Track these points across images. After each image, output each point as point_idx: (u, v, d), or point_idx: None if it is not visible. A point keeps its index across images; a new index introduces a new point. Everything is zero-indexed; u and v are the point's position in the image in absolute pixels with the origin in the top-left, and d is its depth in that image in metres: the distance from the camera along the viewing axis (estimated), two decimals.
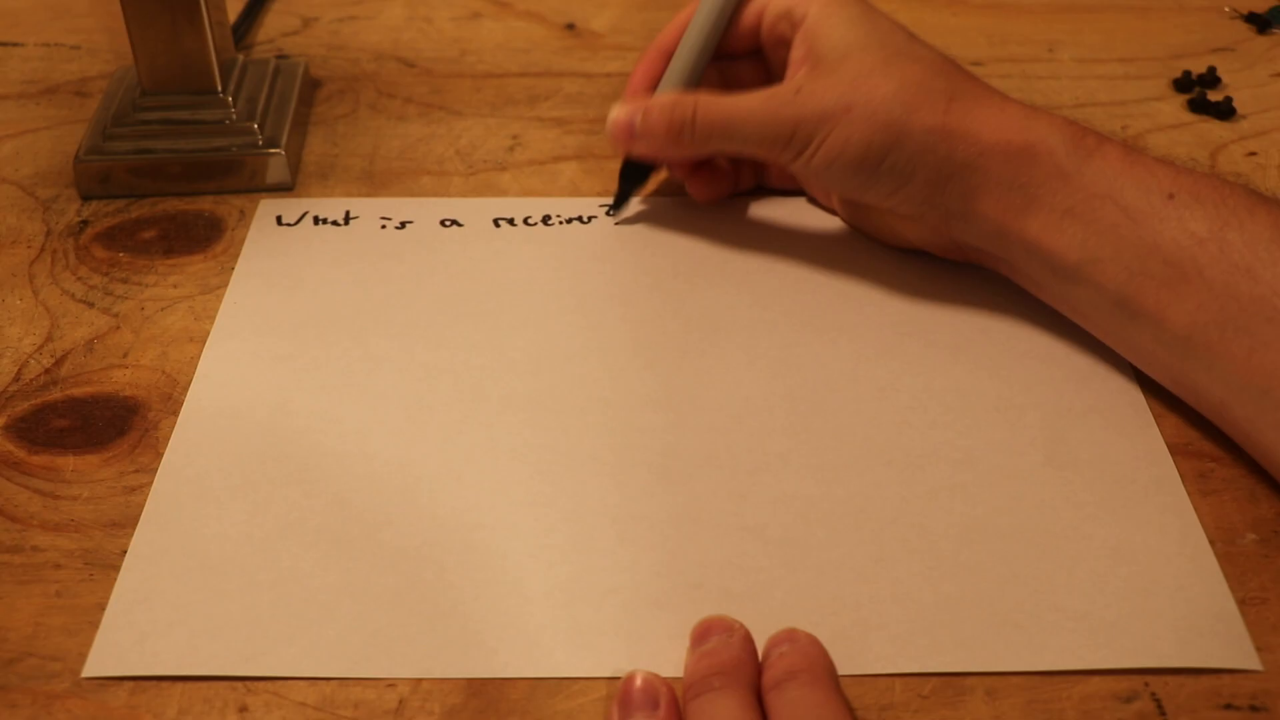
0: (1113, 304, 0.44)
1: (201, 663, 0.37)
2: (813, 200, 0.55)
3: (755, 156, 0.50)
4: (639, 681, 0.35)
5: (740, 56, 0.54)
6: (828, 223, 0.54)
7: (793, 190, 0.56)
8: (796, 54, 0.49)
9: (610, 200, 0.55)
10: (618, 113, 0.51)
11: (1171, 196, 0.42)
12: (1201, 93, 0.63)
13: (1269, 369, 0.40)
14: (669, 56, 0.52)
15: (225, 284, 0.51)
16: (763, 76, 0.54)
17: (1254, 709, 0.36)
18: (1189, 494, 0.42)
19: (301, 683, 0.37)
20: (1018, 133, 0.45)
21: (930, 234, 0.49)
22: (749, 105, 0.48)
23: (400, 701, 0.36)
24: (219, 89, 0.56)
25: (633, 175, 0.54)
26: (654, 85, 0.53)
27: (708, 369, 0.47)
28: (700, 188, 0.54)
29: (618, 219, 0.54)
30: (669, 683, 0.36)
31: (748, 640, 0.36)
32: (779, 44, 0.51)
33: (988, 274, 0.50)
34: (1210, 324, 0.41)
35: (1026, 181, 0.44)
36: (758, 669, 0.36)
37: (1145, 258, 0.42)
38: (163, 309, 0.50)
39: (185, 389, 0.46)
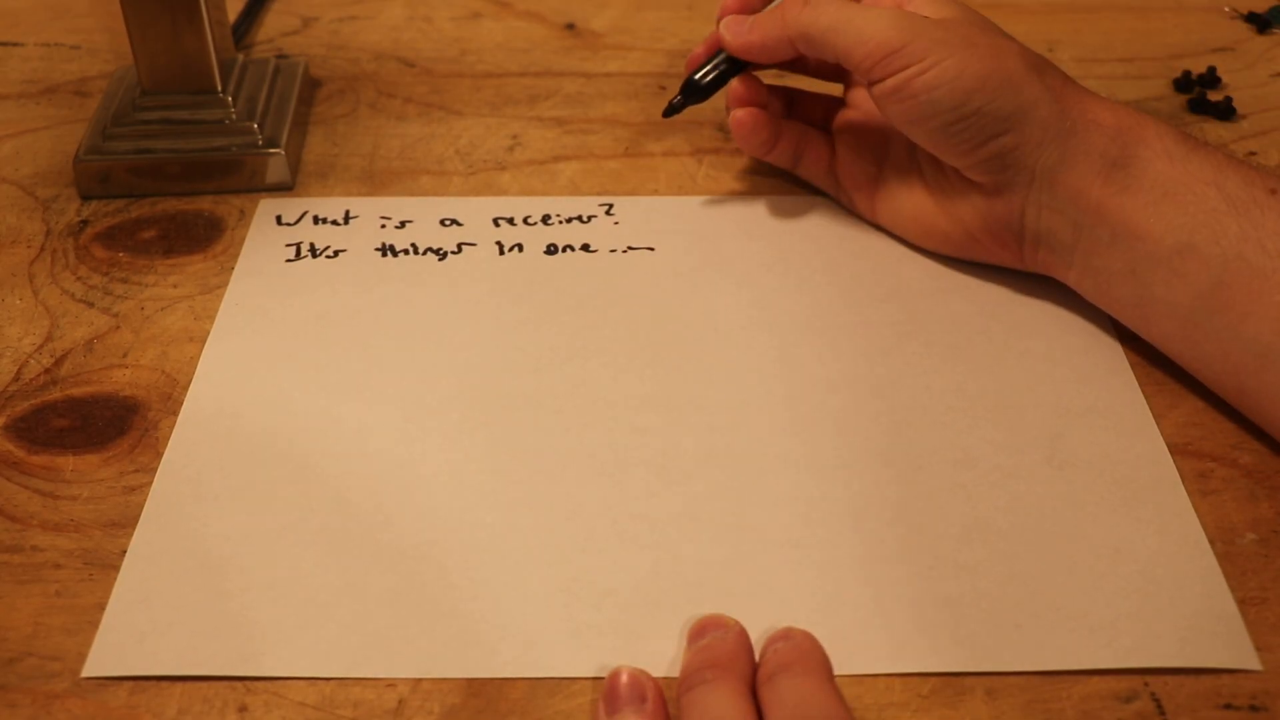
0: (1196, 298, 0.42)
1: (201, 662, 0.37)
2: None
3: (854, 65, 0.47)
4: (625, 677, 0.35)
5: None
6: (828, 223, 0.54)
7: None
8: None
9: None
10: (730, 4, 0.51)
11: (1274, 192, 0.42)
12: (1201, 93, 0.63)
13: None
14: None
15: (225, 284, 0.51)
16: None
17: (1254, 709, 0.36)
18: (1189, 494, 0.42)
19: (301, 682, 0.37)
20: (1130, 117, 0.45)
21: (983, 214, 0.48)
22: (867, 9, 0.47)
23: (400, 701, 0.36)
24: (219, 89, 0.56)
25: (694, 92, 0.53)
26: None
27: (708, 369, 0.47)
28: (744, 126, 0.52)
29: (670, 115, 0.54)
30: (655, 679, 0.36)
31: (743, 636, 0.36)
32: None
33: (988, 276, 0.50)
34: None
35: (1131, 159, 0.44)
36: (753, 665, 0.36)
37: (1243, 246, 0.41)
38: (163, 309, 0.50)
39: (185, 389, 0.46)
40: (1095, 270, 0.46)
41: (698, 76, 0.53)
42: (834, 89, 0.56)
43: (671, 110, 0.54)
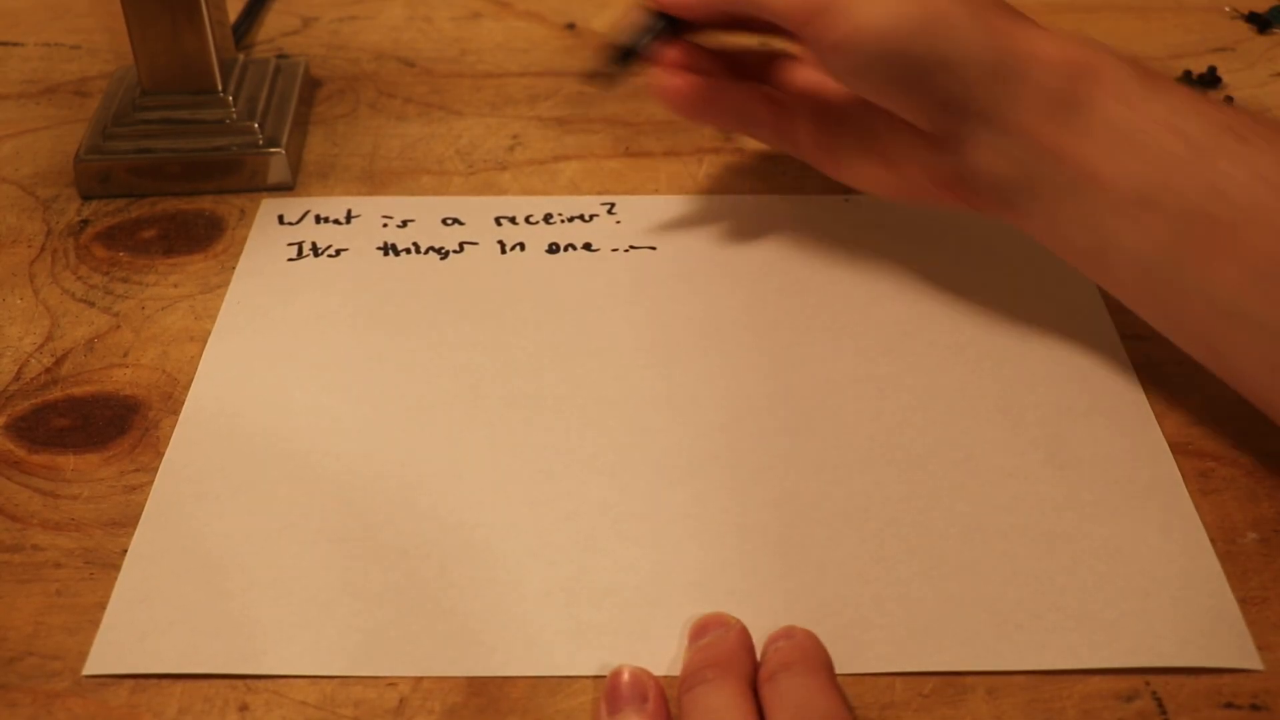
0: (1157, 251, 0.40)
1: (202, 661, 0.37)
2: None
3: (785, 21, 0.44)
4: (626, 676, 0.35)
5: None
6: (829, 223, 0.54)
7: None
8: None
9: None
10: None
11: (1243, 138, 0.39)
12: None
13: None
14: None
15: (226, 283, 0.51)
16: None
17: (1255, 708, 0.36)
18: (1189, 493, 0.42)
19: (302, 681, 0.37)
20: (1080, 52, 0.41)
21: (933, 162, 0.45)
22: None
23: (401, 700, 0.36)
24: (219, 89, 0.56)
25: (623, 57, 0.49)
26: None
27: (708, 368, 0.47)
28: (679, 95, 0.48)
29: (603, 88, 0.50)
30: (656, 678, 0.36)
31: (744, 635, 0.36)
32: None
33: (988, 274, 0.50)
34: (1272, 271, 0.38)
35: (1085, 99, 0.41)
36: (754, 664, 0.36)
37: (1206, 196, 0.39)
38: (163, 308, 0.50)
39: (186, 388, 0.46)
40: (1053, 219, 0.43)
41: (631, 42, 0.49)
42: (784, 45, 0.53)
43: (603, 78, 0.50)
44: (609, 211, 0.55)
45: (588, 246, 0.53)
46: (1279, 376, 0.39)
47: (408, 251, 0.53)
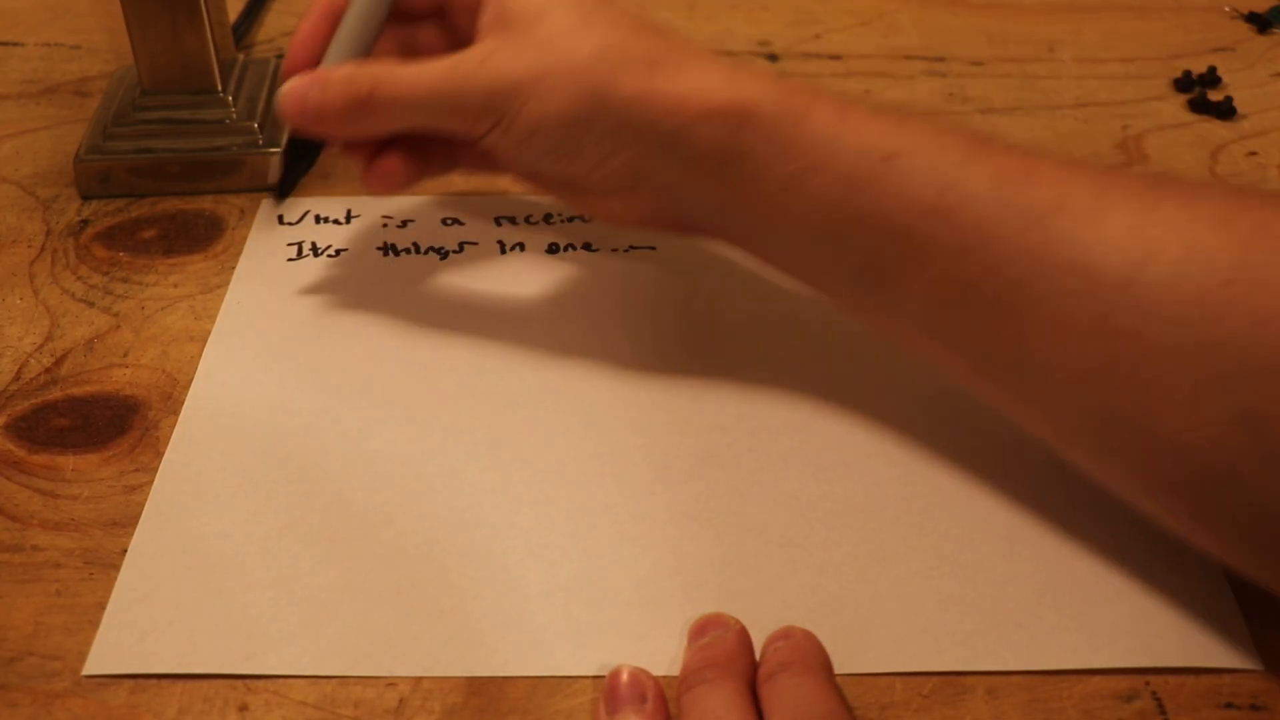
0: (849, 277, 0.41)
1: (202, 661, 0.37)
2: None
3: (444, 133, 0.44)
4: (625, 676, 0.35)
5: (421, 18, 0.48)
6: None
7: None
8: (487, 17, 0.44)
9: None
10: (291, 85, 0.45)
11: (890, 159, 0.39)
12: (1202, 92, 0.63)
13: (1015, 340, 0.37)
14: (337, 17, 0.46)
15: (226, 283, 0.51)
16: (448, 42, 0.48)
17: (1254, 708, 0.36)
18: None
19: (302, 681, 0.37)
20: (724, 96, 0.41)
21: (647, 211, 0.45)
22: (433, 75, 0.43)
23: (400, 700, 0.36)
24: (219, 89, 0.56)
25: (299, 157, 0.49)
26: (320, 50, 0.46)
27: (709, 368, 0.47)
28: (377, 182, 0.47)
29: (281, 206, 0.49)
30: (655, 678, 0.36)
31: (743, 635, 0.36)
32: (464, 9, 0.46)
33: None
34: (950, 299, 0.38)
35: (740, 150, 0.41)
36: (753, 664, 0.36)
37: (876, 231, 0.39)
38: (163, 308, 0.50)
39: (185, 388, 0.46)
40: (758, 250, 0.44)
41: (293, 172, 0.49)
42: None
43: (287, 191, 0.50)
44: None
45: (588, 246, 0.53)
46: (976, 384, 0.40)
47: (408, 251, 0.53)
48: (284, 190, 0.50)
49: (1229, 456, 0.34)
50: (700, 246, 0.53)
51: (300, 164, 0.50)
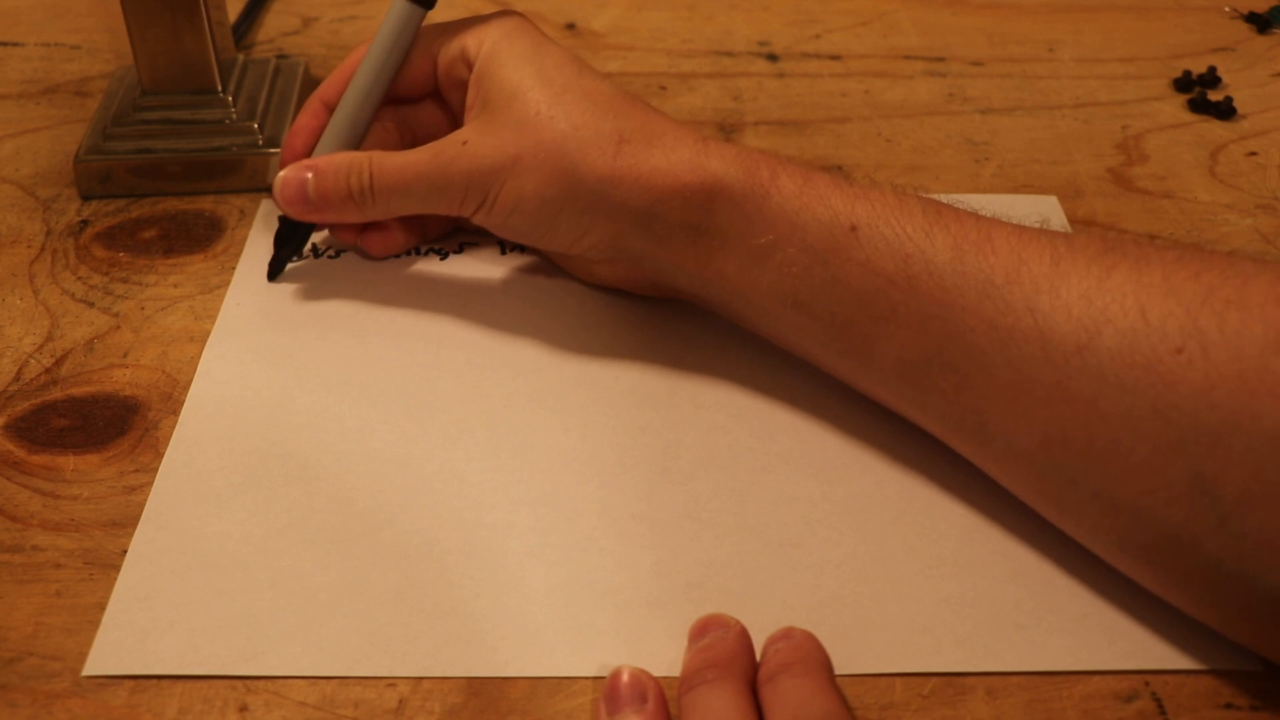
0: (819, 343, 0.43)
1: (202, 662, 0.37)
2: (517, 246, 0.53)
3: (436, 214, 0.48)
4: (626, 676, 0.35)
5: (419, 99, 0.51)
6: None
7: None
8: (471, 97, 0.47)
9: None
10: (287, 175, 0.47)
11: (854, 229, 0.40)
12: (1202, 92, 0.63)
13: (978, 405, 0.38)
14: (333, 108, 0.49)
15: (226, 283, 0.51)
16: (444, 119, 0.51)
17: (1254, 709, 0.36)
18: None
19: (302, 682, 0.37)
20: (691, 174, 0.42)
21: (628, 276, 0.48)
22: (420, 162, 0.45)
23: (400, 701, 0.36)
24: (219, 89, 0.56)
25: (292, 237, 0.50)
26: (316, 139, 0.49)
27: (709, 367, 0.47)
28: (376, 244, 0.51)
29: (276, 281, 0.51)
30: (656, 678, 0.36)
31: (744, 636, 0.36)
32: (457, 86, 0.48)
33: None
34: (915, 363, 0.40)
35: (709, 225, 0.43)
36: (753, 664, 0.36)
37: (843, 300, 0.41)
38: (163, 308, 0.50)
39: (185, 388, 0.46)
40: (735, 315, 0.46)
41: (285, 255, 0.50)
42: None
43: (278, 271, 0.51)
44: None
45: None
46: (948, 439, 0.41)
47: (408, 251, 0.53)
48: (274, 272, 0.51)
49: (1185, 520, 0.34)
50: None
51: (289, 246, 0.51)
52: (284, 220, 0.50)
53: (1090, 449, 0.36)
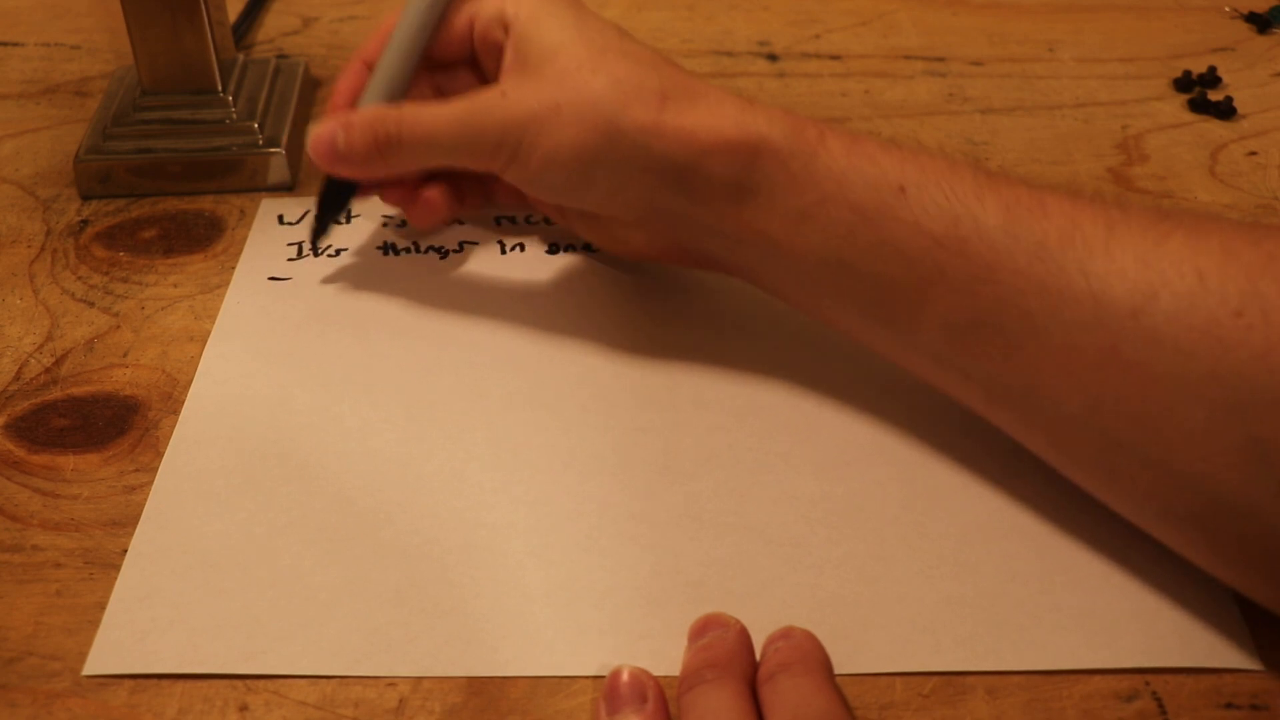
0: (861, 310, 0.42)
1: (202, 661, 0.37)
2: (546, 219, 0.53)
3: (467, 168, 0.46)
4: (625, 676, 0.35)
5: (454, 64, 0.50)
6: None
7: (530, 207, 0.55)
8: (508, 59, 0.46)
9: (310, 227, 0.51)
10: (318, 129, 0.46)
11: (903, 190, 0.39)
12: (1202, 92, 0.63)
13: (1026, 370, 0.38)
14: (373, 67, 0.48)
15: (226, 283, 0.51)
16: (480, 85, 0.49)
17: (1254, 708, 0.36)
18: None
19: (302, 681, 0.37)
20: (736, 130, 0.41)
21: (661, 241, 0.47)
22: (453, 113, 0.44)
23: (401, 700, 0.36)
24: (219, 89, 0.56)
25: (334, 199, 0.49)
26: (357, 98, 0.48)
27: (710, 367, 0.47)
28: (419, 215, 0.50)
29: (320, 249, 0.50)
30: (656, 678, 0.36)
31: (743, 635, 0.36)
32: (492, 50, 0.48)
33: None
34: (962, 327, 0.39)
35: (753, 183, 0.41)
36: (753, 664, 0.36)
37: (888, 261, 0.40)
38: (163, 308, 0.50)
39: (186, 388, 0.46)
40: (769, 282, 0.45)
41: (328, 215, 0.49)
42: None
43: (321, 233, 0.50)
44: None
45: (587, 247, 0.53)
46: (990, 412, 0.41)
47: (408, 251, 0.53)
48: (316, 234, 0.50)
49: (1241, 486, 0.34)
50: None
51: (333, 210, 0.50)
52: (328, 181, 0.49)
53: (1143, 414, 0.35)
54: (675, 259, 0.48)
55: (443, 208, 0.50)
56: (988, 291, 0.38)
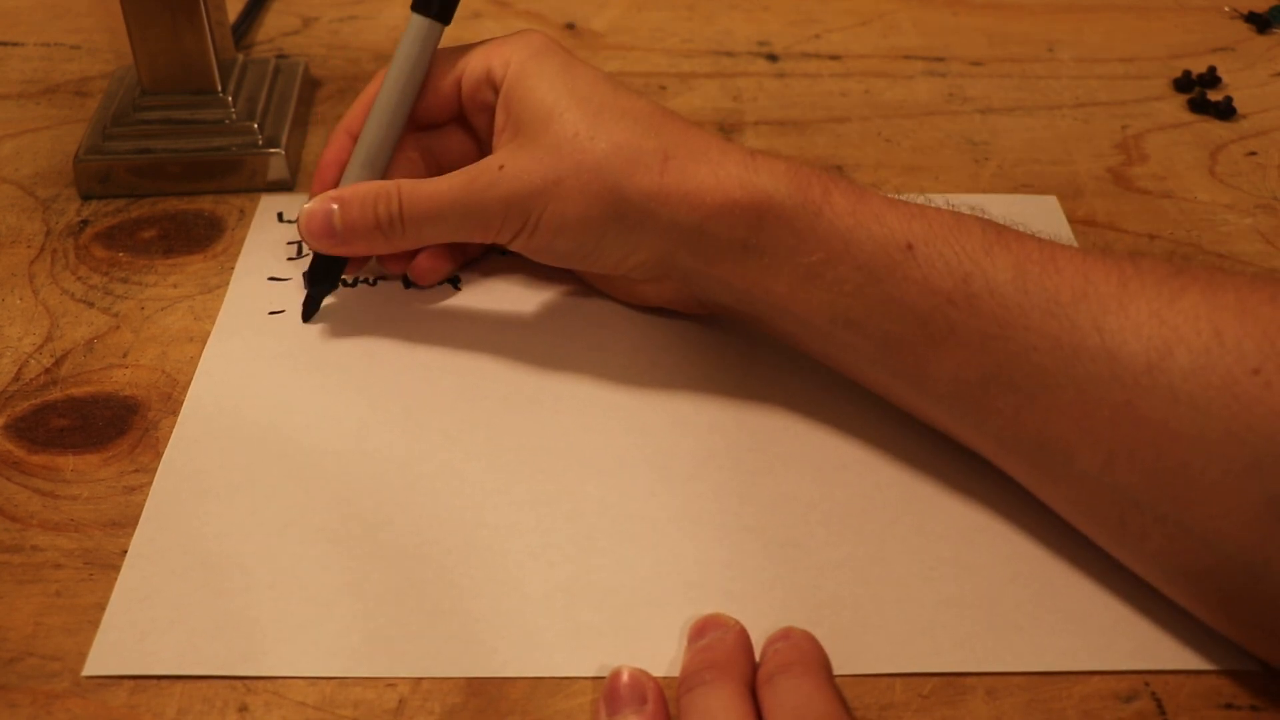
0: (871, 362, 0.42)
1: (201, 662, 0.37)
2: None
3: (471, 241, 0.45)
4: (625, 677, 0.35)
5: (443, 124, 0.49)
6: None
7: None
8: (500, 122, 0.45)
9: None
10: (311, 207, 0.45)
11: (910, 247, 0.39)
12: (1201, 92, 0.63)
13: (1039, 425, 0.38)
14: (356, 137, 0.48)
15: (225, 283, 0.51)
16: (471, 144, 0.50)
17: (1254, 709, 0.36)
18: None
19: (301, 682, 0.37)
20: (740, 190, 0.41)
21: (674, 295, 0.47)
22: (453, 189, 0.44)
23: (400, 701, 0.36)
24: (219, 89, 0.56)
25: (325, 273, 0.48)
26: (342, 170, 0.48)
27: (710, 367, 0.47)
28: (421, 276, 0.49)
29: (311, 321, 0.49)
30: (655, 679, 0.36)
31: (743, 636, 0.37)
32: (482, 110, 0.47)
33: None
34: (973, 383, 0.39)
35: (759, 243, 0.41)
36: (753, 665, 0.36)
37: (897, 319, 0.40)
38: (163, 309, 0.50)
39: (185, 389, 0.46)
40: (783, 334, 0.45)
41: (320, 290, 0.48)
42: None
43: (312, 310, 0.49)
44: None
45: None
46: (1004, 461, 0.40)
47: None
48: (309, 312, 0.49)
49: (1258, 545, 0.34)
50: None
51: (323, 284, 0.49)
52: (317, 257, 0.48)
53: (1158, 470, 0.35)
54: (690, 308, 0.48)
55: (444, 268, 0.50)
56: (1000, 348, 0.38)
